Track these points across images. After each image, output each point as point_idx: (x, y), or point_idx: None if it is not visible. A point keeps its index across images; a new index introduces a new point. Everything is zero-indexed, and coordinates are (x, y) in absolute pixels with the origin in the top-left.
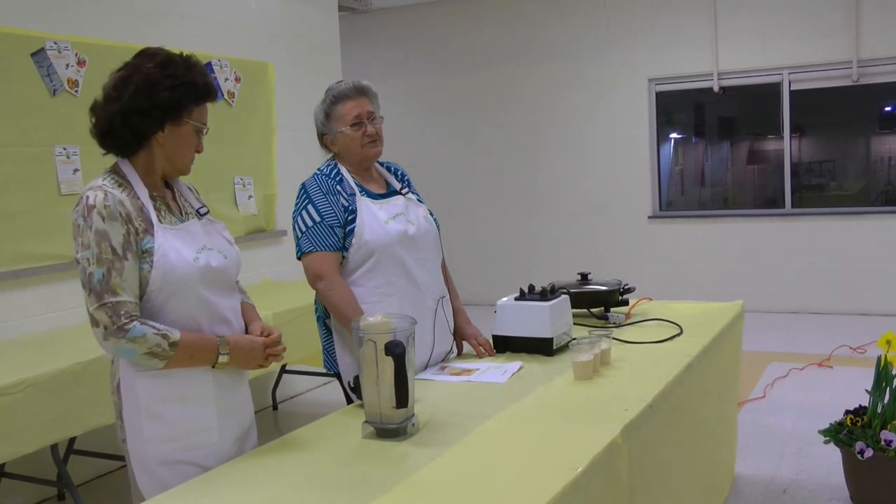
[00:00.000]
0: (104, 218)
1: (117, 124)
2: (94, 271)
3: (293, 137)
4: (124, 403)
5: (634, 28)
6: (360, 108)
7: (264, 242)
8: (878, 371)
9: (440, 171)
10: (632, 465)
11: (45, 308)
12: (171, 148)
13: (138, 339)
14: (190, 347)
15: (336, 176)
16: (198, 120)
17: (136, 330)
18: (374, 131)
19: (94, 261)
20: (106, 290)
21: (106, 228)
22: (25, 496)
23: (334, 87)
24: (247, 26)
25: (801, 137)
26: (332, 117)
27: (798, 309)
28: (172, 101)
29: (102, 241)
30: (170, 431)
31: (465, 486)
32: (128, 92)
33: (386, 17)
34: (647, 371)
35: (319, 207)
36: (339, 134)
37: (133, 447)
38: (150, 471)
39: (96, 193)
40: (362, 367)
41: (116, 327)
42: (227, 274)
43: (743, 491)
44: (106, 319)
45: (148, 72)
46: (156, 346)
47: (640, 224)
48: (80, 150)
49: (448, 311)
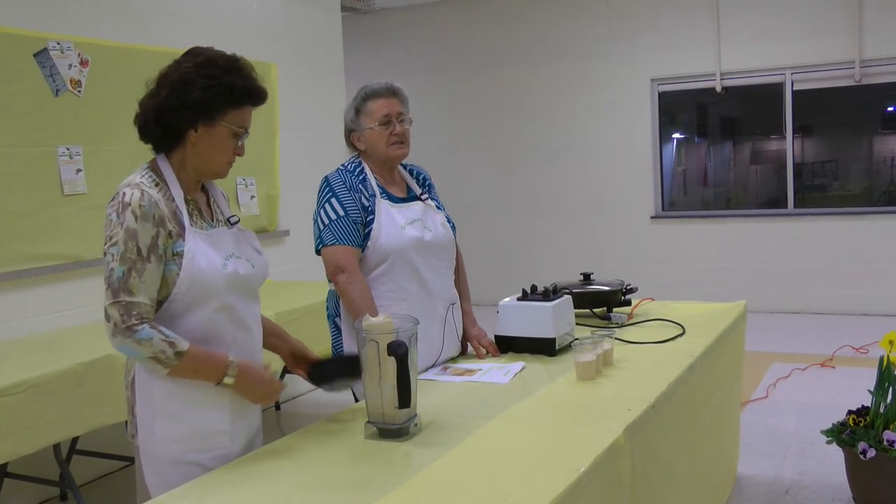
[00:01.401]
0: (137, 218)
1: (151, 120)
2: (116, 268)
3: (296, 138)
4: (138, 400)
5: (637, 28)
6: (390, 108)
7: (267, 243)
8: (881, 371)
9: (442, 171)
10: (634, 465)
11: (48, 308)
12: (203, 148)
13: (144, 342)
14: (196, 361)
15: (360, 174)
16: (234, 123)
17: (144, 332)
18: (402, 132)
19: (118, 258)
20: (123, 288)
21: (136, 228)
22: (28, 496)
23: (368, 85)
24: (249, 27)
25: (803, 138)
26: (361, 113)
27: (800, 309)
28: (204, 102)
29: (130, 240)
30: (182, 431)
31: (468, 487)
32: (165, 89)
33: (388, 18)
34: (650, 371)
35: (343, 202)
36: (367, 130)
37: (143, 444)
38: (159, 469)
39: (133, 192)
40: (365, 368)
41: (125, 326)
42: (252, 282)
43: (745, 491)
44: (117, 317)
45: (185, 70)
46: (160, 353)
47: (642, 224)
48: (83, 151)
49: (458, 318)
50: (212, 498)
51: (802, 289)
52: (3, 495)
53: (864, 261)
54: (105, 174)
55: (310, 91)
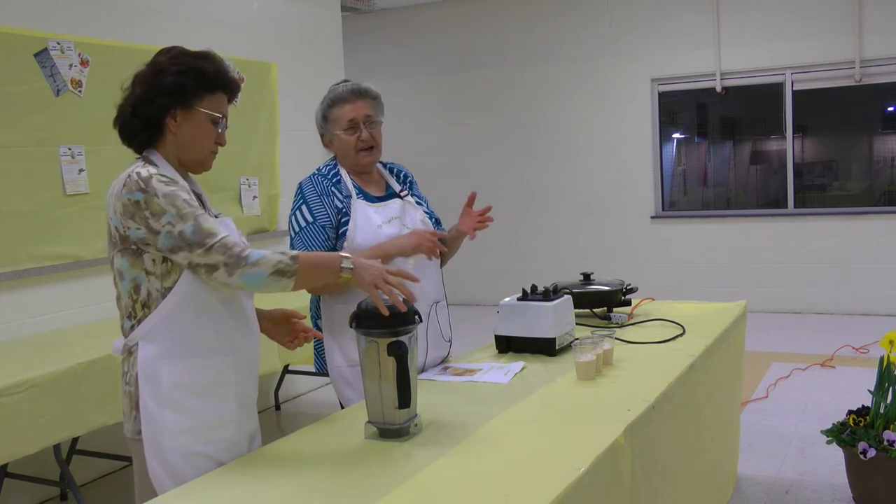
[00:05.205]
0: (166, 182)
1: (128, 115)
2: (184, 227)
3: (296, 138)
4: (142, 393)
5: (637, 28)
6: (355, 112)
7: (267, 243)
8: (881, 371)
9: (442, 171)
10: (635, 465)
11: (48, 308)
12: (184, 137)
13: (261, 262)
14: (313, 259)
15: (334, 177)
16: (211, 108)
17: (254, 254)
18: (369, 136)
19: (177, 219)
20: (205, 234)
21: (173, 190)
22: (28, 496)
23: (333, 89)
24: (250, 27)
25: (803, 137)
26: (329, 120)
27: (801, 309)
28: (177, 86)
29: (175, 199)
30: (191, 422)
31: (468, 487)
32: (139, 85)
33: (388, 17)
34: (650, 371)
35: (313, 208)
36: (335, 136)
37: (150, 437)
38: (167, 462)
39: (144, 168)
40: (364, 368)
41: (235, 258)
42: None
43: (746, 491)
44: (221, 258)
45: (157, 62)
46: (279, 263)
47: (642, 224)
48: (84, 150)
49: (442, 317)
50: (212, 498)
51: (802, 289)
52: (3, 495)
53: (865, 261)
54: (107, 174)
55: (310, 91)
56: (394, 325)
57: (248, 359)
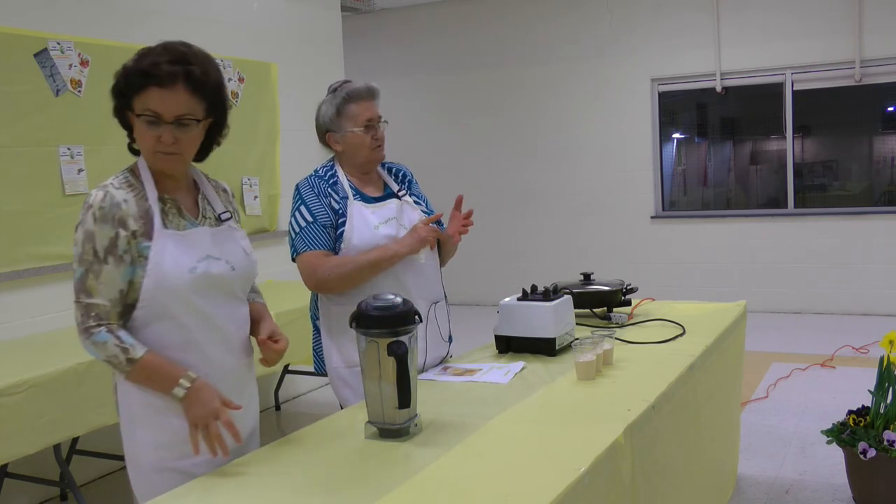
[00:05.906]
0: (96, 220)
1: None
2: (76, 269)
3: (296, 138)
4: (120, 406)
5: (637, 28)
6: (371, 111)
7: (267, 242)
8: (881, 371)
9: (442, 171)
10: (635, 465)
11: (48, 308)
12: (138, 139)
13: (99, 345)
14: (148, 370)
15: (331, 178)
16: (140, 107)
17: (100, 336)
18: (382, 136)
19: (77, 259)
20: (82, 289)
21: (94, 230)
22: (28, 496)
23: (347, 86)
24: (250, 27)
25: (803, 138)
26: (343, 115)
27: (801, 309)
28: (114, 90)
29: (87, 242)
30: (163, 438)
31: (468, 487)
32: None
33: (388, 18)
34: (650, 371)
35: (312, 208)
36: (349, 133)
37: (128, 452)
38: (144, 475)
39: (98, 193)
40: (364, 368)
41: (84, 328)
42: (227, 283)
43: (746, 491)
44: (79, 317)
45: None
46: (113, 357)
47: (642, 224)
48: (84, 150)
49: (442, 317)
50: (212, 498)
51: (802, 289)
52: (3, 495)
53: (864, 261)
54: (107, 174)
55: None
56: (394, 325)
57: (224, 371)
